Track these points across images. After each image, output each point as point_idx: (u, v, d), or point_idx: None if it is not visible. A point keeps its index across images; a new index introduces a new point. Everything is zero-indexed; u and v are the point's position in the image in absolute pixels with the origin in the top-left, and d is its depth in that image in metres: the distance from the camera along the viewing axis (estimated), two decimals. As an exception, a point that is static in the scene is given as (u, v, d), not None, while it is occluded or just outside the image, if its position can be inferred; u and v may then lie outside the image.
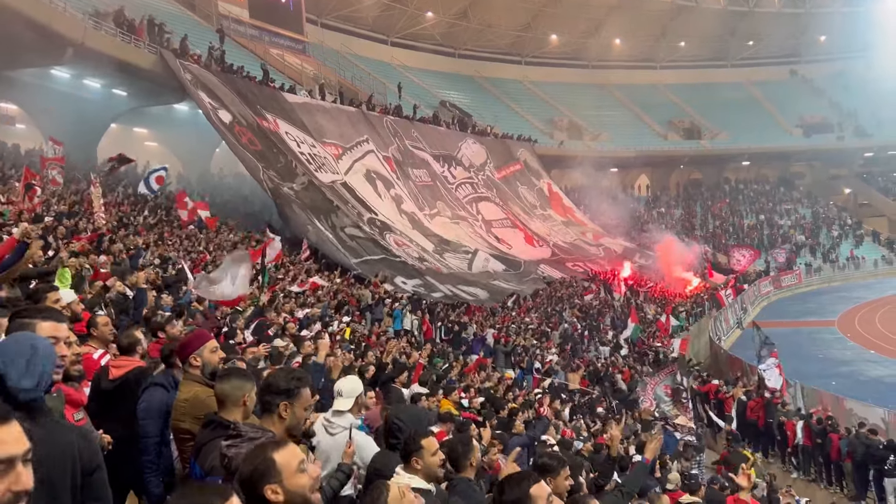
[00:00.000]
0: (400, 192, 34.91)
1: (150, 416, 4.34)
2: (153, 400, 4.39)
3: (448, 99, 53.78)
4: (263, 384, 3.44)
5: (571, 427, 14.22)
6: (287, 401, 3.36)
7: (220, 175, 35.83)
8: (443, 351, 17.00)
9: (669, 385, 21.81)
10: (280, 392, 3.37)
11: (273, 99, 31.41)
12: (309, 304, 17.01)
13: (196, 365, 4.26)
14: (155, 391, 4.44)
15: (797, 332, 33.62)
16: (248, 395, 3.56)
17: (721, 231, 57.14)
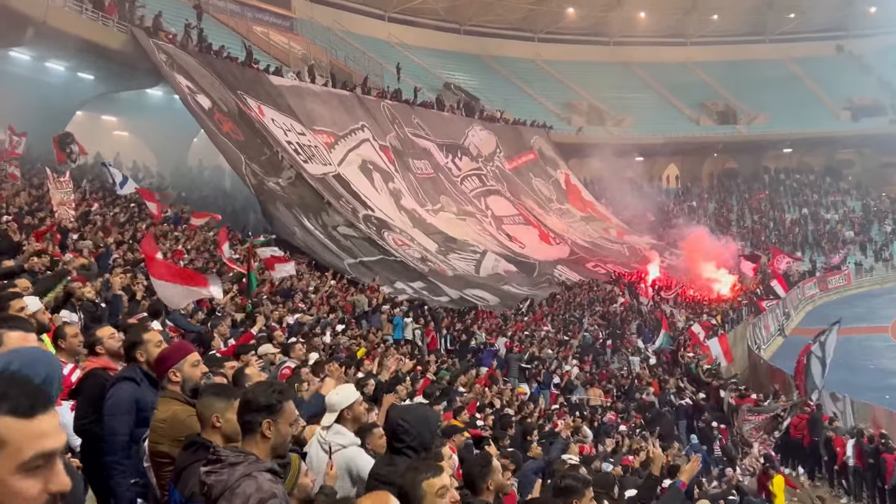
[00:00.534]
0: (399, 185, 34.94)
1: (118, 412, 4.33)
2: (121, 394, 4.39)
3: (452, 81, 53.81)
4: (242, 401, 3.42)
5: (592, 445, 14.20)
6: (269, 418, 3.33)
7: (198, 168, 35.87)
8: (454, 367, 16.98)
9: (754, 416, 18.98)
10: (261, 409, 3.34)
11: (257, 82, 31.46)
12: (300, 309, 17.08)
13: (175, 381, 4.25)
14: (123, 385, 4.43)
15: (846, 339, 33.34)
16: (222, 415, 3.57)
17: (760, 227, 57.02)
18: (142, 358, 4.55)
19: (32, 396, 1.62)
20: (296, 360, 8.93)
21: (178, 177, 33.30)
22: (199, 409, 3.62)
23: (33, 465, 1.57)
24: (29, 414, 1.58)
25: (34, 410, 1.60)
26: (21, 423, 1.57)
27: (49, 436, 1.60)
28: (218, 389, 3.76)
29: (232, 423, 3.55)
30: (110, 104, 32.26)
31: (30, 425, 1.57)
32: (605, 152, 52.91)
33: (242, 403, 3.41)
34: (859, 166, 63.12)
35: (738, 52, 66.70)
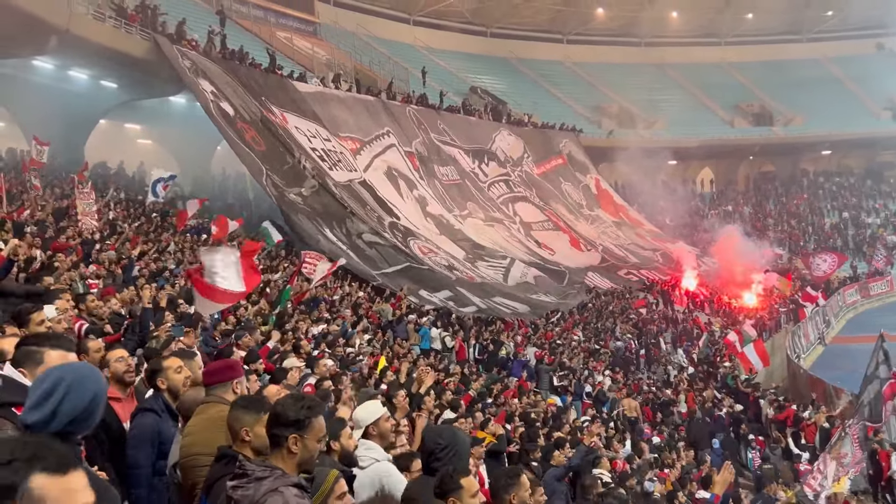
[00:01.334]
0: (424, 192, 35.00)
1: (140, 445, 4.41)
2: (144, 427, 4.47)
3: (479, 84, 53.89)
4: (271, 415, 3.47)
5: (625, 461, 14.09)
6: (297, 433, 3.38)
7: (222, 175, 36.19)
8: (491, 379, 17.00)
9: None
10: (289, 424, 3.39)
11: (281, 88, 31.69)
12: (325, 319, 17.13)
13: (161, 388, 4.47)
14: (145, 417, 4.52)
15: (888, 348, 32.98)
16: (251, 429, 3.64)
17: (798, 232, 56.42)
18: (163, 385, 4.65)
19: (64, 456, 1.81)
20: (319, 374, 8.97)
21: (201, 185, 33.58)
22: (229, 421, 3.69)
23: None
24: (62, 472, 1.77)
25: (66, 468, 1.78)
26: (56, 480, 1.75)
27: (80, 491, 1.80)
28: (247, 403, 3.81)
29: (261, 437, 3.60)
30: (133, 112, 32.68)
31: (64, 481, 1.76)
32: (637, 156, 52.58)
33: (271, 417, 3.47)
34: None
35: (774, 51, 66.16)
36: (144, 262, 15.76)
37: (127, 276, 13.44)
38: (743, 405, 22.56)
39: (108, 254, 14.71)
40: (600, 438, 14.02)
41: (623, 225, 49.40)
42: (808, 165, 64.12)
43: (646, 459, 14.39)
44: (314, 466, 3.54)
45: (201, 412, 4.21)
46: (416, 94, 42.21)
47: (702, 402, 22.72)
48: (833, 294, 41.58)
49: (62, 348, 3.32)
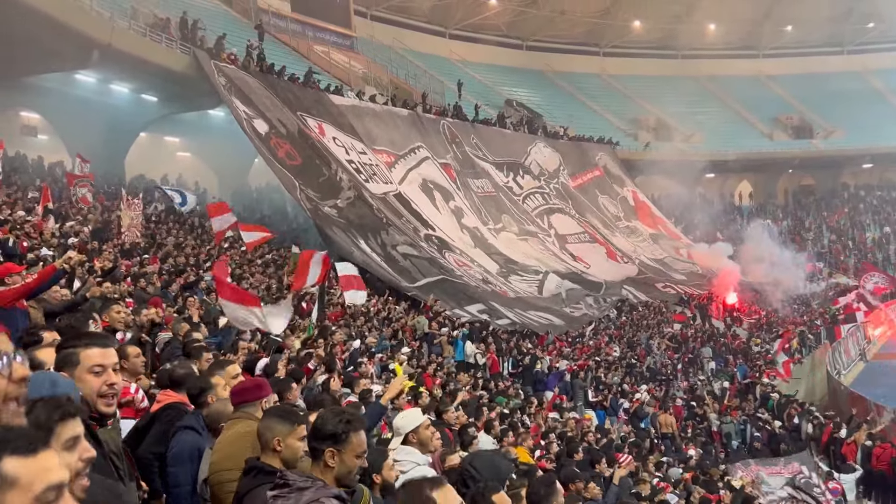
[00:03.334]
0: (461, 203, 35.06)
1: (180, 463, 4.44)
2: (184, 444, 4.50)
3: (515, 97, 53.88)
4: (312, 427, 3.50)
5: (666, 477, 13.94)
6: (334, 447, 3.39)
7: (258, 189, 36.54)
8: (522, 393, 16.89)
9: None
10: (326, 437, 3.40)
11: (318, 102, 31.97)
12: (360, 333, 17.19)
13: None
14: (185, 435, 4.55)
15: None
16: (283, 439, 3.63)
17: (839, 247, 55.60)
18: (213, 401, 4.67)
19: (32, 437, 1.81)
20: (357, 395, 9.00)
21: (238, 197, 33.92)
22: (260, 429, 3.69)
23: (45, 499, 1.74)
24: (32, 452, 1.76)
25: (35, 449, 1.78)
26: (26, 461, 1.75)
27: (53, 470, 1.79)
28: (282, 412, 3.82)
29: (292, 448, 3.62)
30: (173, 125, 33.15)
31: (35, 461, 1.76)
32: (674, 169, 52.20)
33: (312, 429, 3.49)
34: (946, 181, 61.26)
35: (814, 64, 65.38)
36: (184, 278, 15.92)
37: (164, 292, 13.61)
38: (781, 423, 22.27)
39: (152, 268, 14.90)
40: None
41: (661, 237, 49.02)
42: (849, 179, 63.22)
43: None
44: (354, 483, 3.54)
45: (230, 427, 4.24)
46: (451, 108, 42.31)
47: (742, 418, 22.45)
48: (874, 311, 40.87)
49: (97, 345, 3.30)
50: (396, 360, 15.19)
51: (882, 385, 28.96)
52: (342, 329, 16.52)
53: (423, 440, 4.99)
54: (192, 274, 16.22)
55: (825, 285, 47.84)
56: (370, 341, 16.27)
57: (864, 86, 63.50)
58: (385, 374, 13.86)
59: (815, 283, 47.96)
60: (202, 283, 15.61)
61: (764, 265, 44.62)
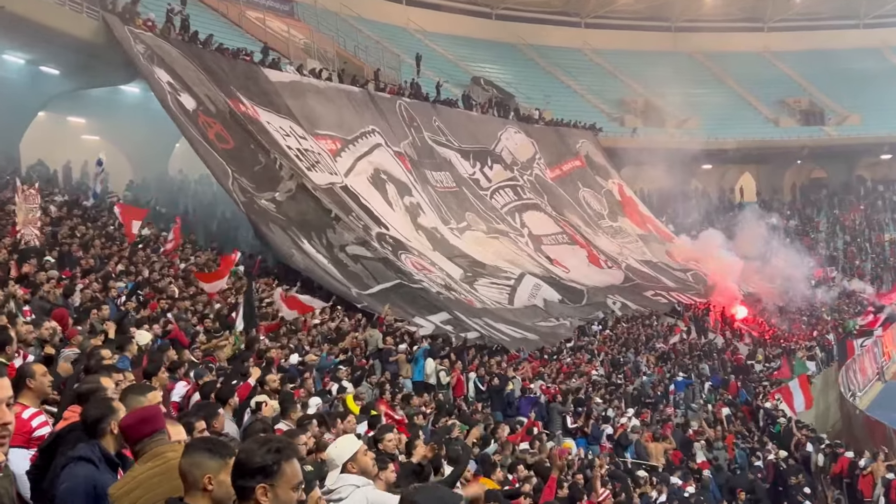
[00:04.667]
0: (418, 199, 34.95)
1: (72, 500, 4.30)
2: (77, 479, 4.31)
3: (483, 74, 54.02)
4: (235, 463, 3.42)
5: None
6: (265, 482, 3.33)
7: (181, 178, 36.17)
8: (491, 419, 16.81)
9: None
10: (255, 471, 3.34)
11: (251, 78, 31.70)
12: (299, 347, 17.05)
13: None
14: (78, 468, 4.36)
15: None
16: (215, 476, 3.57)
17: (854, 249, 56.51)
18: (115, 431, 4.56)
19: None
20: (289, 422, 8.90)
21: (157, 188, 33.54)
22: (185, 467, 3.61)
23: None
24: None
25: None
26: None
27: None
28: (210, 445, 3.74)
29: (225, 485, 3.55)
30: (78, 103, 32.56)
31: None
32: (666, 159, 52.70)
33: (235, 465, 3.42)
34: (974, 175, 62.53)
35: (826, 39, 66.50)
36: (88, 280, 15.69)
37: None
38: (787, 452, 22.48)
39: (52, 273, 14.65)
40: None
41: (651, 239, 49.40)
42: (866, 172, 64.26)
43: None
44: None
45: (146, 459, 4.17)
46: (408, 85, 42.23)
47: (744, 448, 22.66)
48: (894, 321, 41.61)
49: None
50: (344, 385, 15.04)
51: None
52: (278, 343, 16.40)
53: (363, 467, 5.03)
54: (98, 279, 15.97)
55: (837, 293, 48.66)
56: (311, 358, 16.13)
57: (882, 64, 64.68)
58: (329, 398, 13.73)
59: (825, 290, 48.82)
60: (112, 291, 15.39)
61: (764, 264, 45.50)
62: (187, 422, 6.03)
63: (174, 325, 14.38)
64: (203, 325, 15.95)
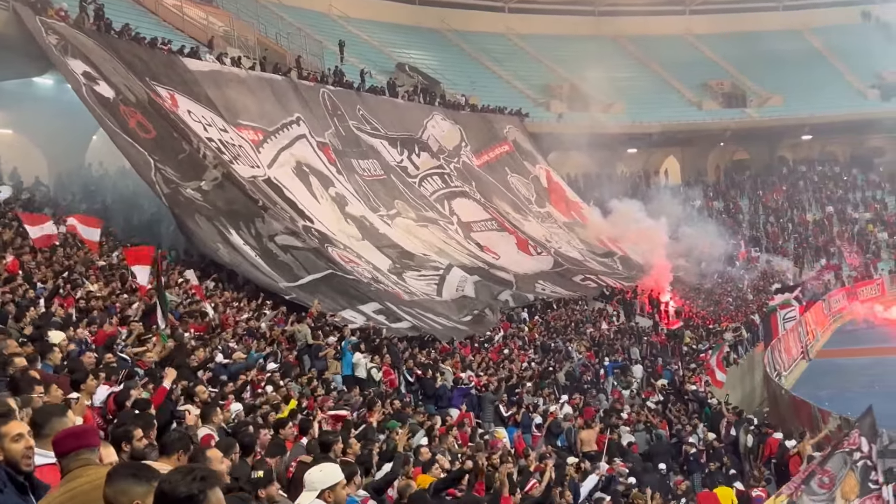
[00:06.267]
0: (342, 190, 34.69)
1: None
2: None
3: (407, 61, 53.84)
4: (158, 493, 3.39)
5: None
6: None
7: (99, 171, 35.44)
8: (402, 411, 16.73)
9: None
10: (180, 501, 3.33)
11: (169, 66, 31.16)
12: (228, 348, 16.83)
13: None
14: None
15: (879, 362, 34.03)
16: (142, 501, 3.55)
17: (778, 229, 57.71)
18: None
19: None
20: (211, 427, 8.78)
21: (73, 183, 32.84)
22: (111, 495, 3.58)
23: None
24: None
25: None
26: None
27: None
28: (134, 470, 3.72)
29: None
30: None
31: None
32: (592, 143, 53.24)
33: (157, 495, 3.39)
34: (892, 154, 64.10)
35: (747, 21, 67.69)
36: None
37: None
38: (715, 433, 22.85)
39: None
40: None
41: (577, 225, 49.85)
42: (787, 153, 65.64)
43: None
44: None
45: (63, 483, 4.12)
46: (331, 73, 41.93)
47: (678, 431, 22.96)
48: (817, 300, 42.62)
49: None
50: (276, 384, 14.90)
51: (826, 386, 30.22)
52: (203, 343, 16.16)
53: (339, 500, 5.03)
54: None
55: (759, 272, 49.68)
56: (237, 356, 15.97)
57: (802, 46, 66.00)
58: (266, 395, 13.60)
59: (749, 270, 49.85)
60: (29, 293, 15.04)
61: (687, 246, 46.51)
62: (125, 430, 5.90)
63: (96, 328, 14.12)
64: (127, 326, 15.62)
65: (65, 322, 13.62)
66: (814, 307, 40.60)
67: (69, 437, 4.39)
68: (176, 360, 12.90)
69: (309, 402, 14.51)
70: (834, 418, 22.42)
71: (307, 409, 13.30)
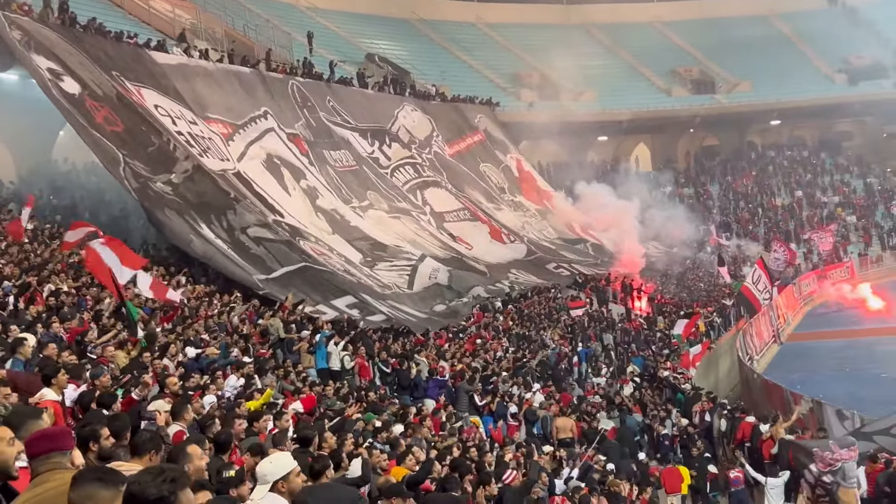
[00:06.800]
0: (314, 182, 34.55)
1: None
2: None
3: (377, 51, 53.69)
4: (126, 494, 3.40)
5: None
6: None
7: (65, 166, 35.14)
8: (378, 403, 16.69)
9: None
10: (149, 503, 3.33)
11: (136, 60, 30.87)
12: (201, 340, 16.69)
13: None
14: None
15: (850, 344, 34.38)
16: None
17: (748, 214, 58.07)
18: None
19: None
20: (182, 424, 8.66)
21: (40, 179, 32.52)
22: (76, 499, 3.56)
23: None
24: None
25: None
26: None
27: None
28: (100, 474, 3.69)
29: None
30: (-50, 93, 31.40)
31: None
32: (562, 132, 53.38)
33: (127, 497, 3.39)
34: (860, 138, 64.76)
35: (714, 7, 68.01)
36: None
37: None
38: (688, 419, 23.00)
39: None
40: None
41: (549, 214, 49.94)
42: (756, 138, 66.11)
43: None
44: None
45: (29, 488, 4.09)
46: (300, 65, 41.73)
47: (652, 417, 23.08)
48: (788, 284, 42.95)
49: None
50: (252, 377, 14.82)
51: (798, 370, 30.50)
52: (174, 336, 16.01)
53: (294, 489, 4.95)
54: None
55: (730, 257, 49.95)
56: (211, 351, 15.85)
57: (770, 31, 66.44)
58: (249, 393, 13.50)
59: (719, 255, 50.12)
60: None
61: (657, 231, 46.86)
62: (91, 430, 5.82)
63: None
64: (98, 323, 15.44)
65: (35, 320, 13.46)
66: (785, 291, 40.90)
67: (42, 438, 4.37)
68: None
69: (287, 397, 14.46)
70: (806, 401, 22.58)
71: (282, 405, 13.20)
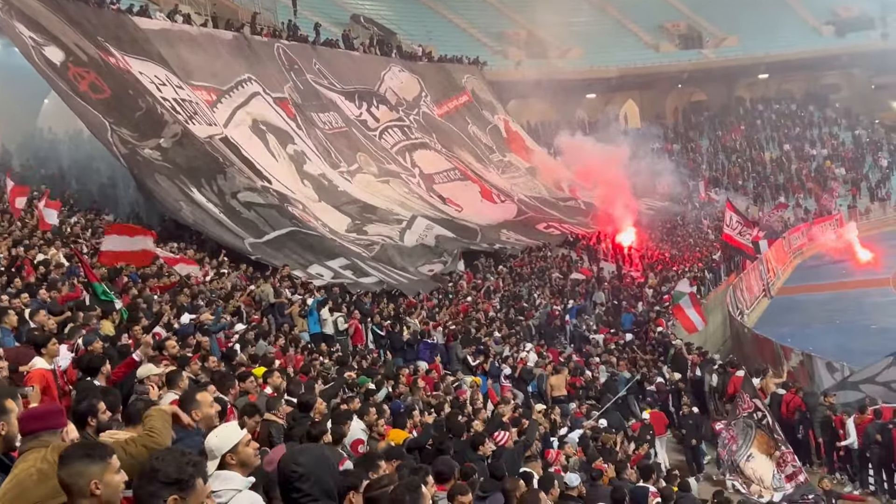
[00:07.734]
0: (302, 146, 34.34)
1: None
2: None
3: (362, 12, 53.22)
4: (147, 469, 3.42)
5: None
6: (179, 494, 3.38)
7: (49, 136, 34.88)
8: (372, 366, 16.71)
9: None
10: (170, 483, 3.37)
11: (119, 26, 30.56)
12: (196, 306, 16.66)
13: None
14: None
15: (839, 297, 34.51)
16: (102, 478, 3.53)
17: (737, 169, 58.05)
18: (3, 431, 4.49)
19: None
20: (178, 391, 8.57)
21: (25, 148, 32.31)
22: (67, 478, 3.55)
23: None
24: None
25: None
26: None
27: None
28: (86, 450, 3.67)
29: (112, 485, 3.54)
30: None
31: None
32: (550, 90, 53.16)
33: (147, 471, 3.43)
34: (847, 90, 64.61)
35: (700, -40, 67.32)
36: None
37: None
38: (682, 374, 23.08)
39: None
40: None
41: (538, 172, 49.83)
42: (744, 92, 65.91)
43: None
44: None
45: (19, 462, 4.10)
46: (285, 27, 41.38)
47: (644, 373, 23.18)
48: (778, 238, 43.02)
49: None
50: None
51: (788, 323, 30.61)
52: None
53: (244, 460, 4.77)
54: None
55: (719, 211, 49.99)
56: (205, 317, 15.81)
57: (757, -16, 65.89)
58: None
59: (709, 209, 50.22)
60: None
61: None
62: (89, 404, 5.80)
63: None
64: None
65: (25, 288, 13.37)
66: (774, 244, 40.94)
67: (30, 418, 4.37)
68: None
69: (281, 358, 14.45)
70: (796, 354, 22.74)
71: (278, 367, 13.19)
